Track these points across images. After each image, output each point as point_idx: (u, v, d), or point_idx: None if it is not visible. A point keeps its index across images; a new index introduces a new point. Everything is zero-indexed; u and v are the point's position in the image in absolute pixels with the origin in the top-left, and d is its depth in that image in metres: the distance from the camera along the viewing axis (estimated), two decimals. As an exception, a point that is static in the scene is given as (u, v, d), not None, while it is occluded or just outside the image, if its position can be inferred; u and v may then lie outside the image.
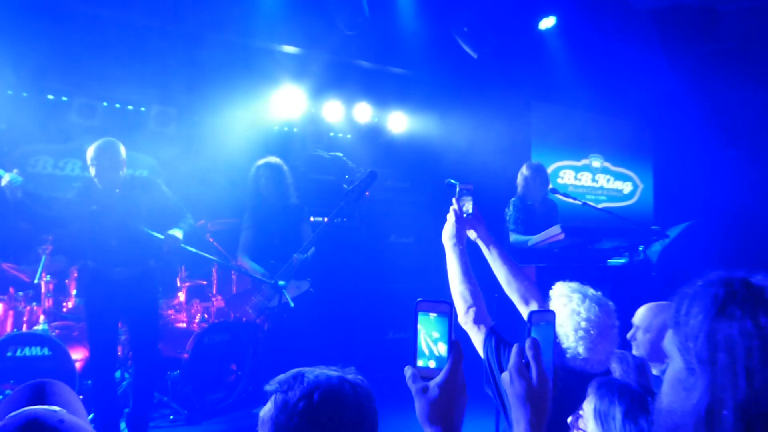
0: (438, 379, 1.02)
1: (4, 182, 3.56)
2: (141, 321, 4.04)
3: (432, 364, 1.05)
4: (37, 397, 1.23)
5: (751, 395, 0.82)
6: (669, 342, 0.95)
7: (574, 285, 2.11)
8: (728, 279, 0.91)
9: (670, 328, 0.95)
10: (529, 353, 1.06)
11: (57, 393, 1.27)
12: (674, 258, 5.70)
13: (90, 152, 3.90)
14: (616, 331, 2.01)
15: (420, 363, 1.06)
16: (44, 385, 1.29)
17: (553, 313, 1.15)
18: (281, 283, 4.22)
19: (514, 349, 1.08)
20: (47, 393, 1.26)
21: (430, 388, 1.02)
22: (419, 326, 1.05)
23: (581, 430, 1.50)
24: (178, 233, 3.97)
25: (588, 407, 1.50)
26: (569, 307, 2.02)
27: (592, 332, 1.95)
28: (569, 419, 1.54)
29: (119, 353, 4.48)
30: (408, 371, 1.06)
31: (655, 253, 5.29)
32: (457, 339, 1.05)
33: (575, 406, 1.56)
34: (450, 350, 1.04)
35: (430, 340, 1.05)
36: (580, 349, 1.95)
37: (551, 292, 2.16)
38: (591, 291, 2.05)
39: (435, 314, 1.05)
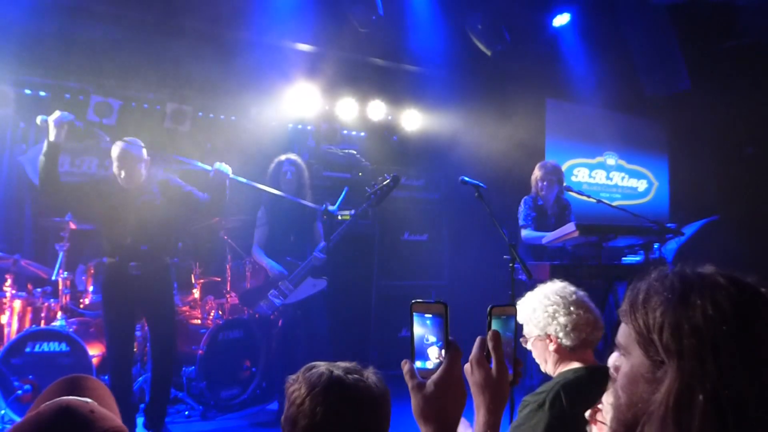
0: (435, 376, 1.04)
1: (53, 116, 3.60)
2: (158, 317, 4.06)
3: (429, 364, 1.06)
4: (72, 390, 1.27)
5: (721, 378, 0.82)
6: (626, 337, 0.94)
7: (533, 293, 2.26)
8: (680, 270, 0.92)
9: (625, 324, 0.94)
10: (489, 344, 1.10)
11: (90, 387, 1.31)
12: (690, 256, 5.66)
13: (114, 150, 3.94)
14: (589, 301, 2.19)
15: (418, 364, 1.07)
16: (79, 379, 1.34)
17: (513, 306, 1.17)
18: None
19: (477, 341, 1.11)
20: (81, 386, 1.30)
21: (426, 385, 1.04)
22: (415, 327, 1.07)
23: (600, 422, 1.49)
24: (226, 166, 4.01)
25: (608, 400, 1.49)
26: (543, 304, 2.16)
27: (572, 308, 2.12)
28: (587, 413, 1.53)
29: (135, 349, 4.53)
30: (405, 366, 1.07)
31: (671, 252, 5.25)
32: (454, 338, 1.06)
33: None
34: (447, 349, 1.05)
35: (426, 343, 1.07)
36: (578, 332, 2.10)
37: (522, 312, 2.23)
38: (545, 286, 2.22)
39: (430, 315, 1.06)
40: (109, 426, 1.02)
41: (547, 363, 2.20)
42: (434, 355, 1.06)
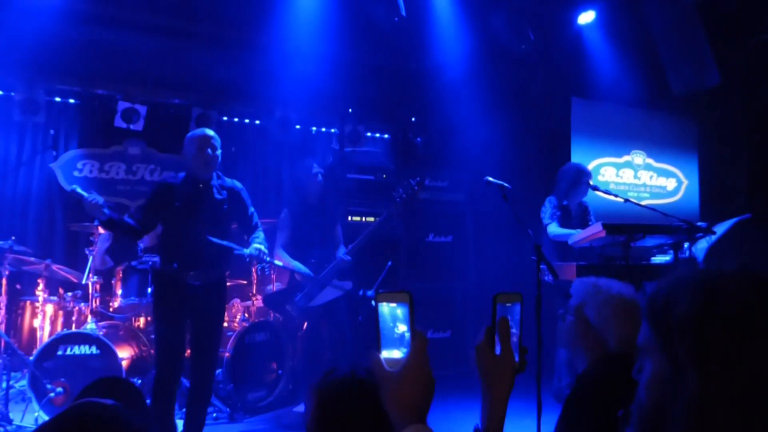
0: (401, 366, 1.05)
1: (86, 206, 3.32)
2: (207, 331, 3.67)
3: (397, 353, 1.07)
4: (103, 392, 1.29)
5: (744, 382, 0.80)
6: (647, 339, 0.92)
7: (586, 279, 2.20)
8: (703, 270, 0.90)
9: (647, 325, 0.92)
10: (498, 331, 1.12)
11: (121, 388, 1.33)
12: (721, 255, 5.54)
13: (194, 139, 3.67)
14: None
15: (385, 354, 1.07)
16: (110, 381, 1.36)
17: (519, 293, 1.17)
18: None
19: (483, 329, 1.14)
20: (112, 388, 1.32)
21: (393, 375, 1.05)
22: (381, 317, 1.07)
23: None
24: (261, 246, 3.74)
25: None
26: (602, 296, 2.10)
27: (626, 308, 2.07)
28: (622, 413, 1.51)
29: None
30: (372, 357, 1.08)
31: (701, 251, 5.13)
32: (418, 329, 1.06)
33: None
34: (412, 338, 1.06)
35: (398, 333, 1.07)
36: (626, 329, 2.04)
37: (589, 293, 2.18)
38: (624, 286, 2.15)
39: (395, 304, 1.07)
40: (130, 429, 1.04)
41: (575, 346, 2.17)
42: (403, 342, 1.07)
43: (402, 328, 1.07)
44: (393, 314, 1.07)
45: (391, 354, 1.07)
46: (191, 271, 3.55)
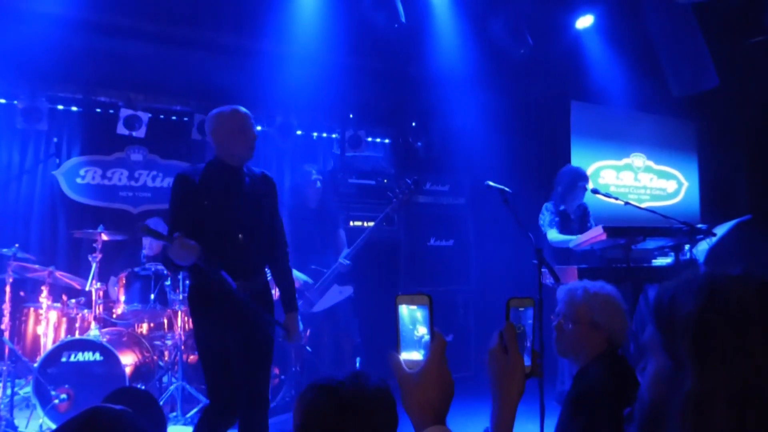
0: (420, 367, 1.07)
1: (176, 251, 2.61)
2: (254, 352, 2.92)
3: (416, 355, 1.08)
4: (118, 401, 1.31)
5: (743, 383, 0.81)
6: (651, 339, 0.94)
7: (572, 286, 2.28)
8: (708, 273, 0.91)
9: (652, 325, 0.94)
10: (504, 336, 1.14)
11: (136, 396, 1.35)
12: (722, 257, 5.55)
13: (231, 116, 2.98)
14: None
15: (404, 355, 1.09)
16: (127, 391, 1.39)
17: (532, 298, 1.19)
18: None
19: (495, 334, 1.16)
20: (128, 396, 1.35)
21: (413, 376, 1.06)
22: (401, 319, 1.09)
23: None
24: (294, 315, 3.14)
25: None
26: (600, 297, 2.17)
27: (619, 305, 2.18)
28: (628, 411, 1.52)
29: (166, 358, 4.59)
30: (392, 359, 1.10)
31: (702, 253, 5.14)
32: (438, 330, 1.08)
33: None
34: (431, 339, 1.08)
35: (417, 335, 1.09)
36: (622, 323, 2.16)
37: (585, 298, 2.20)
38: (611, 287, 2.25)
39: (414, 306, 1.08)
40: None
41: (578, 351, 2.18)
42: (422, 343, 1.09)
43: (422, 330, 1.08)
44: (412, 316, 1.09)
45: (411, 356, 1.09)
46: (236, 281, 2.79)
